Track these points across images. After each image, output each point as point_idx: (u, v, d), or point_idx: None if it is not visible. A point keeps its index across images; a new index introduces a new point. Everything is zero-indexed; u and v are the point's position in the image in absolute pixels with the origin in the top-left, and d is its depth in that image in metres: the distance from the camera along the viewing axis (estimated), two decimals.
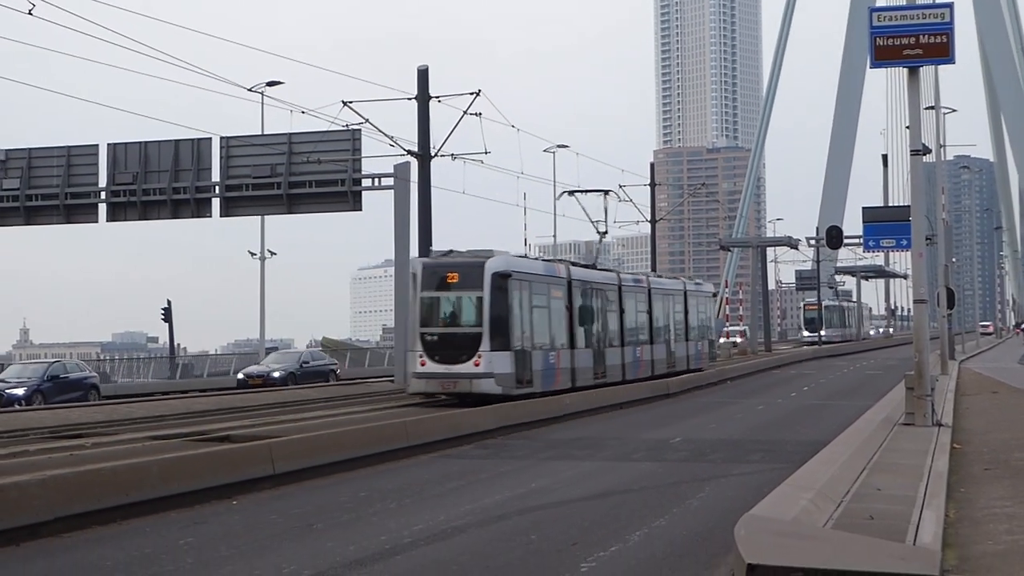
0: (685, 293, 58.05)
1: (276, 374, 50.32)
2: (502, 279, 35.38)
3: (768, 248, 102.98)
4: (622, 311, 46.80)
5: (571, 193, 55.29)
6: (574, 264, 46.17)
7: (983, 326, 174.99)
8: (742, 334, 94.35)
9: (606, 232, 57.32)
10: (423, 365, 34.89)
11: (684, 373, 50.87)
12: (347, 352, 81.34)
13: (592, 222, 56.00)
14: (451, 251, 38.72)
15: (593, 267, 49.44)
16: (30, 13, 23.56)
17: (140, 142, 44.54)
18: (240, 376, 52.13)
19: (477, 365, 34.51)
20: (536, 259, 44.24)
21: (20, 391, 41.99)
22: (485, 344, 34.67)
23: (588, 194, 56.61)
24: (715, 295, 79.09)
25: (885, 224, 33.84)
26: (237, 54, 69.49)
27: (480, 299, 34.96)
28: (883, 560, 9.73)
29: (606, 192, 57.61)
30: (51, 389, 42.56)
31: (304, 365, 53.67)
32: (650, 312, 51.18)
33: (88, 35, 31.40)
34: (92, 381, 46.54)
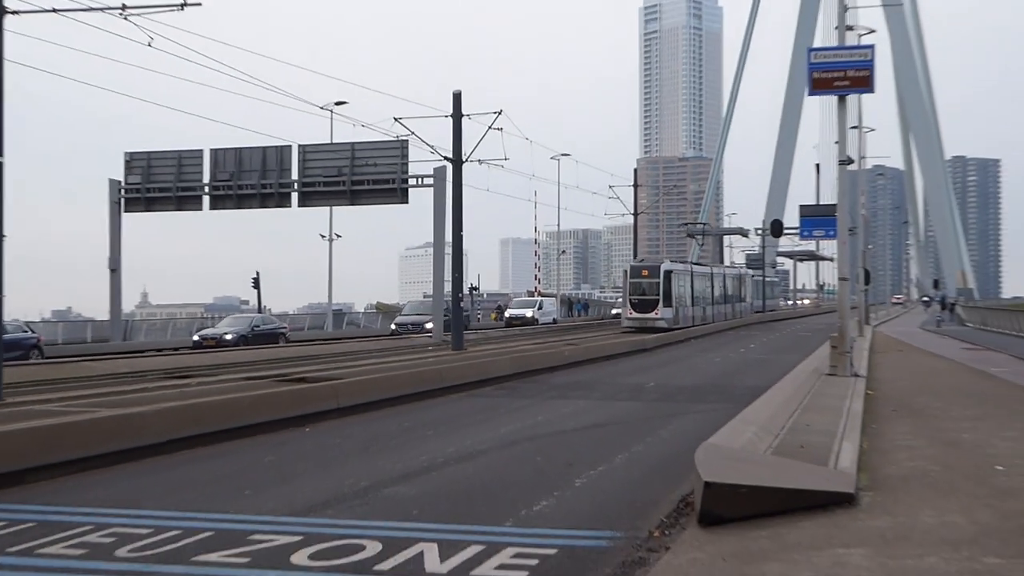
0: (741, 276, 79.28)
1: (228, 336, 44.90)
2: (667, 273, 55.56)
3: (725, 236, 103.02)
4: (712, 286, 67.07)
5: (691, 236, 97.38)
6: (692, 264, 69.40)
7: (896, 298, 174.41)
8: None
9: (722, 262, 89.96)
10: (630, 315, 54.98)
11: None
12: (396, 313, 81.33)
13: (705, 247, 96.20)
14: (643, 259, 63.60)
15: (699, 264, 73.49)
16: (149, 45, 23.62)
17: (235, 148, 44.70)
18: (195, 338, 45.83)
19: (656, 314, 54.04)
20: (677, 261, 64.83)
21: None
22: (659, 305, 54.48)
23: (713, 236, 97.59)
24: (755, 276, 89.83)
25: (817, 218, 33.79)
26: (309, 78, 69.40)
27: (657, 283, 54.62)
28: (810, 480, 9.79)
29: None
30: None
31: (255, 328, 47.39)
32: (724, 286, 70.88)
33: (193, 62, 31.44)
34: None
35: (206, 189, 45.03)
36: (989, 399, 18.95)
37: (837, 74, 21.83)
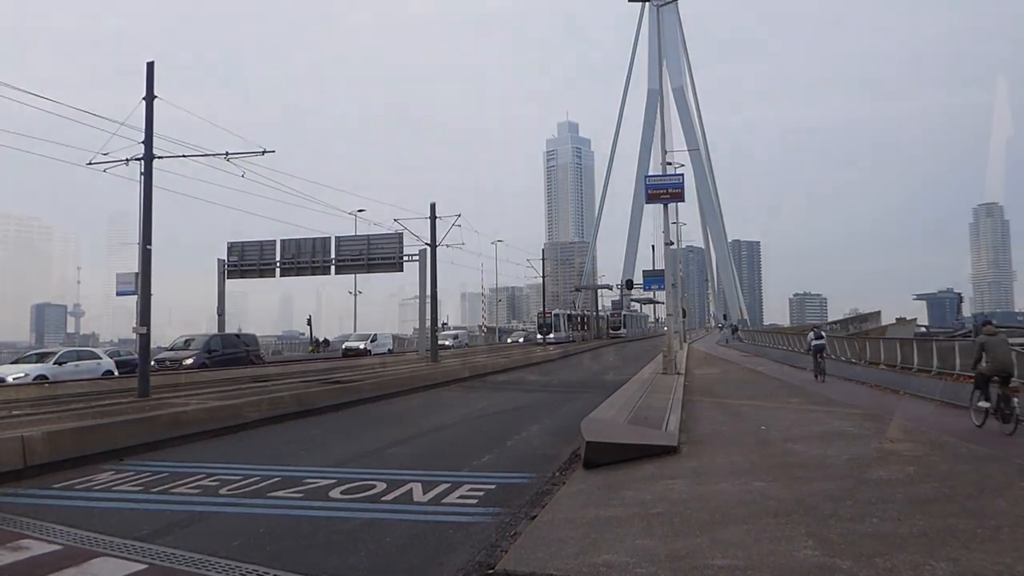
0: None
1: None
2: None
3: (599, 289, 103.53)
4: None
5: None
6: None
7: (705, 328, 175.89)
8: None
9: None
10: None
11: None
12: (395, 339, 79.99)
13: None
14: (547, 309, 66.03)
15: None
16: (243, 176, 23.37)
17: (296, 238, 44.07)
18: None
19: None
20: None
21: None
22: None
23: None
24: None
25: (654, 278, 34.19)
26: (340, 195, 69.11)
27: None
28: (651, 438, 9.84)
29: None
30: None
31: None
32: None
33: (270, 186, 31.18)
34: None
35: (278, 264, 44.31)
36: (757, 386, 19.24)
37: (662, 191, 22.24)
